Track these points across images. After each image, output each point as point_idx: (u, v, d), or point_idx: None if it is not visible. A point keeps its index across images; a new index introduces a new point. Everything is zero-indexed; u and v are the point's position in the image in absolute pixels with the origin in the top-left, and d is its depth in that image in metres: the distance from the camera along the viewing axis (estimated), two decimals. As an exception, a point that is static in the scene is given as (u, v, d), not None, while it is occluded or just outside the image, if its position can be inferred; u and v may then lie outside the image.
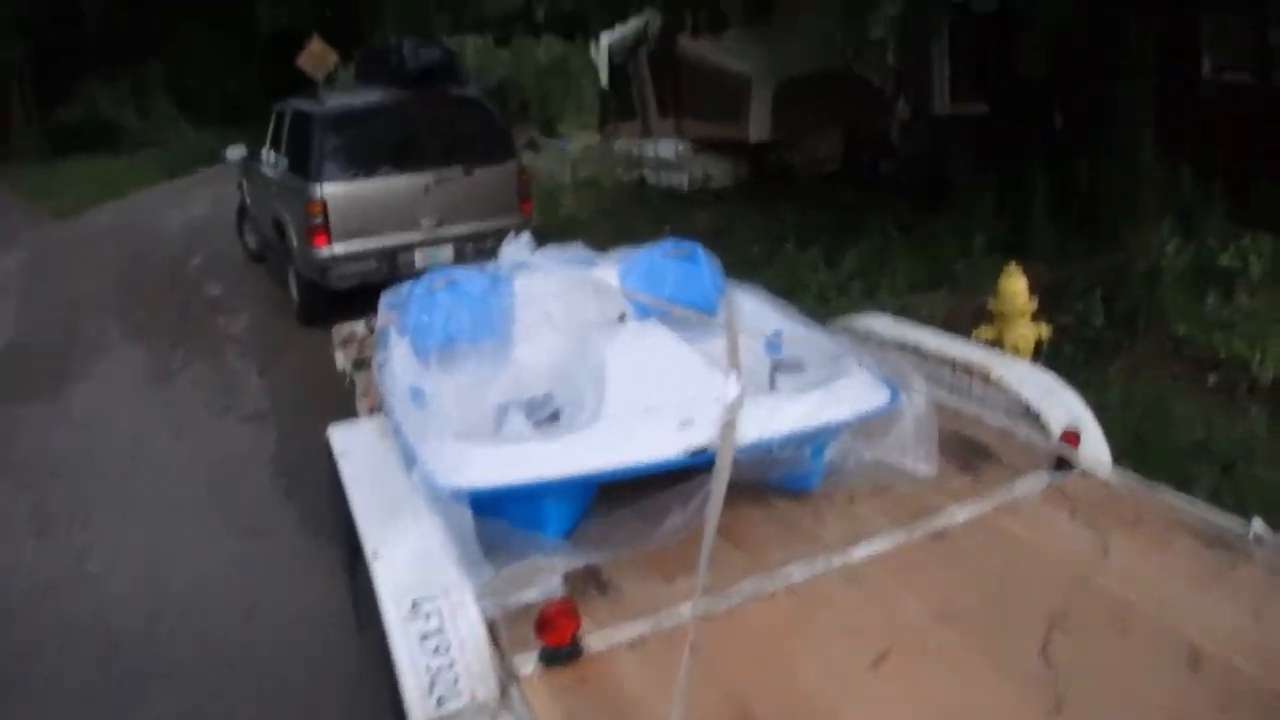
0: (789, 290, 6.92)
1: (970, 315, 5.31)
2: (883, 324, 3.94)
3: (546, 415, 2.87)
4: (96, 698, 3.68)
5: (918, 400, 2.88)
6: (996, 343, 4.70)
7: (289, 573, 4.31)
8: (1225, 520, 2.54)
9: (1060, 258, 6.52)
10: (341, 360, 5.04)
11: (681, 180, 11.31)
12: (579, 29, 8.84)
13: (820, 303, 6.68)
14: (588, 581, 2.49)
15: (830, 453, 2.78)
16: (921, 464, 2.83)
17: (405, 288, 3.83)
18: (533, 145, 19.98)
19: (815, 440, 2.69)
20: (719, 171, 10.92)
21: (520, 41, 22.97)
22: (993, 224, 7.18)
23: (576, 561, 2.48)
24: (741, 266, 7.86)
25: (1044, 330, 4.73)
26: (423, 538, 2.39)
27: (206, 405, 6.76)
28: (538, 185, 14.30)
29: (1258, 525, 2.45)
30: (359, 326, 5.03)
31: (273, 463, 5.65)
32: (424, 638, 2.21)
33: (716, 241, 9.23)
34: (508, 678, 2.20)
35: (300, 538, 4.61)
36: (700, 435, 2.51)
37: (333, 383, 5.45)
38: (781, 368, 3.10)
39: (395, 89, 8.25)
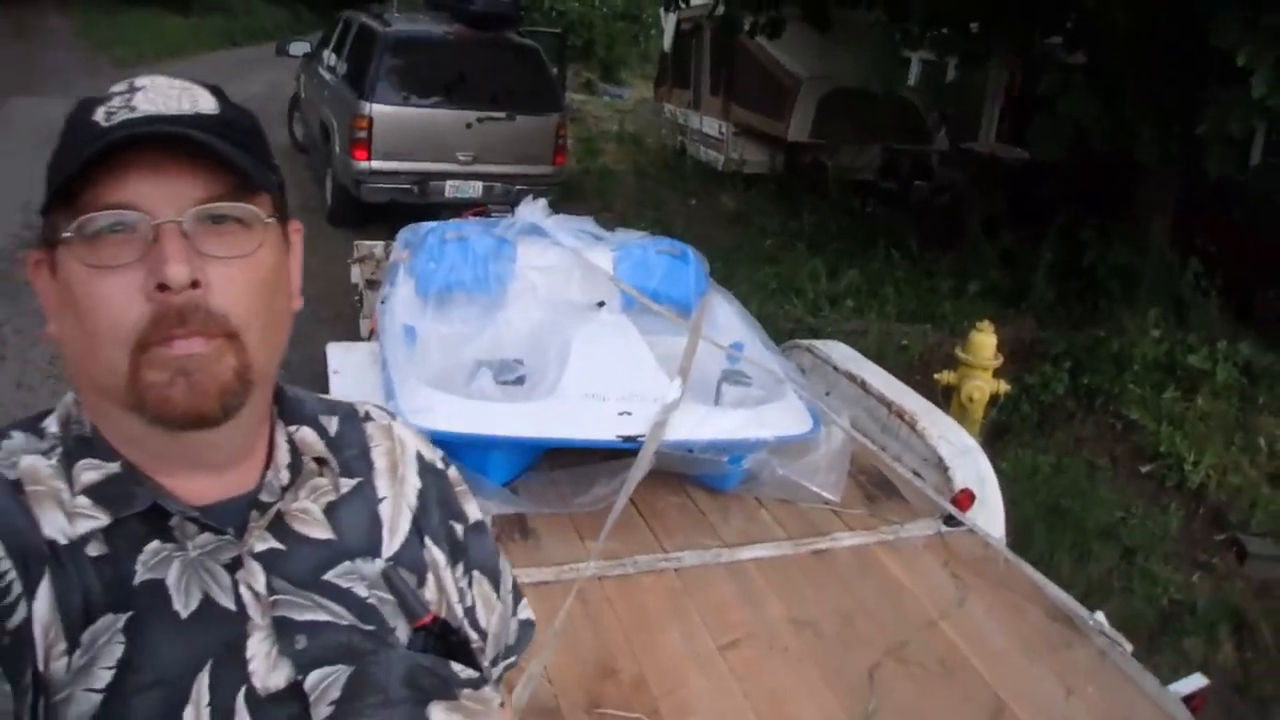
0: (785, 291, 7.29)
1: (944, 356, 5.64)
2: (840, 353, 4.27)
3: (513, 378, 3.23)
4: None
5: (836, 434, 3.25)
6: (954, 388, 5.05)
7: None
8: (1077, 606, 2.81)
9: (1051, 320, 6.83)
10: (356, 275, 5.41)
11: (718, 158, 11.61)
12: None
13: (811, 310, 7.01)
14: (513, 526, 2.90)
15: (748, 462, 3.15)
16: (827, 490, 3.21)
17: (422, 229, 4.21)
18: (589, 87, 20.23)
19: (735, 450, 3.07)
20: (755, 159, 11.21)
21: (599, -19, 23.15)
22: (995, 273, 7.49)
23: (507, 508, 2.90)
24: (750, 258, 8.24)
25: (1002, 386, 5.02)
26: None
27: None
28: (584, 129, 14.62)
29: (1099, 616, 2.78)
30: (378, 248, 5.35)
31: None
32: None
33: (734, 226, 9.67)
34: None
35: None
36: (633, 426, 2.90)
37: (343, 290, 5.82)
38: (729, 378, 3.45)
39: (459, 26, 8.55)
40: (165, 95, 0.83)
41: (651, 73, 19.41)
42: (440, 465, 1.10)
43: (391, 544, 0.97)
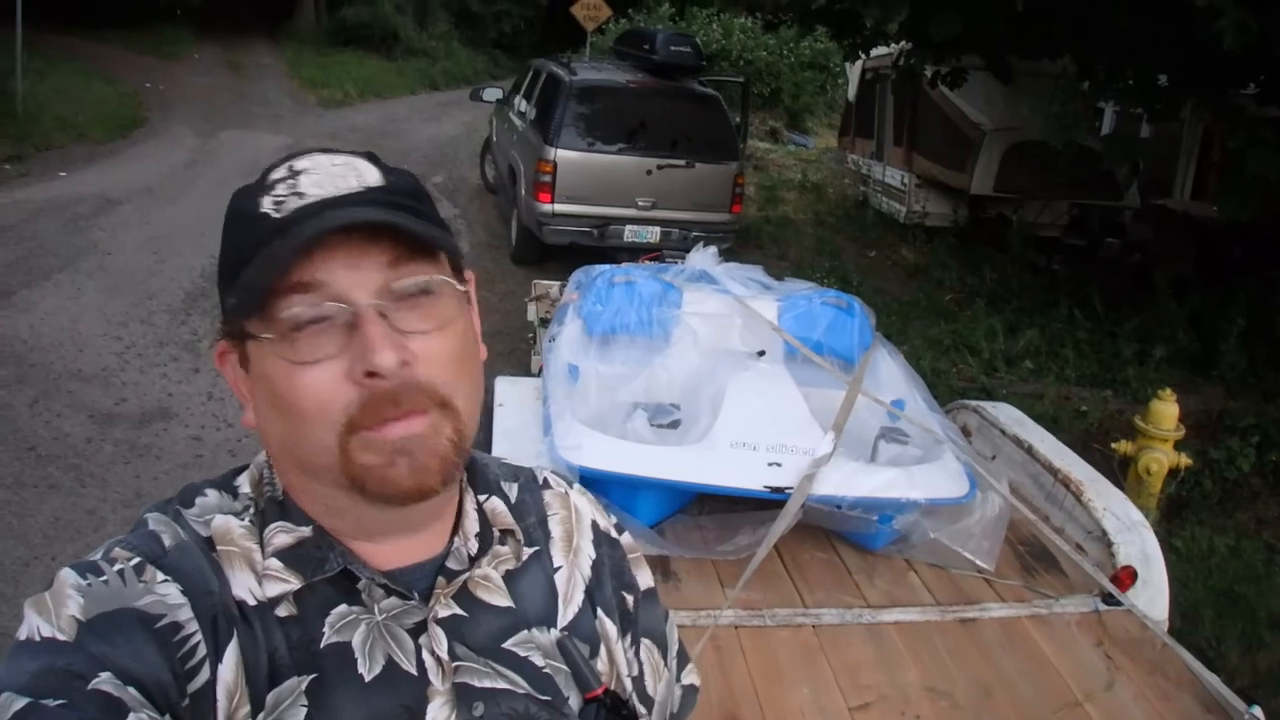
0: (960, 349, 7.12)
1: (1124, 424, 5.40)
2: (1008, 416, 4.15)
3: (667, 422, 3.30)
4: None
5: (994, 500, 3.17)
6: (1131, 459, 4.83)
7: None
8: (1232, 697, 2.63)
9: (1241, 390, 6.42)
10: (531, 313, 5.63)
11: (899, 210, 11.46)
12: (847, 35, 8.94)
13: (985, 370, 6.82)
14: (655, 566, 2.94)
15: (899, 523, 3.11)
16: (980, 557, 3.12)
17: (594, 272, 4.36)
18: (775, 135, 20.31)
19: (885, 510, 3.04)
20: (937, 210, 11.01)
21: (788, 31, 23.17)
22: (1184, 337, 7.11)
23: (651, 549, 2.94)
24: (926, 312, 8.10)
25: (1183, 460, 4.78)
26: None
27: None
28: (767, 177, 14.69)
29: (1256, 711, 2.57)
30: (554, 287, 5.53)
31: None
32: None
33: (912, 279, 9.54)
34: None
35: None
36: (782, 477, 2.92)
37: (521, 326, 6.03)
38: (886, 436, 3.42)
39: (642, 74, 8.80)
40: (330, 175, 0.82)
41: (837, 122, 19.32)
42: (614, 534, 1.11)
43: (566, 614, 0.97)
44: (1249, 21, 4.87)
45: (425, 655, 0.85)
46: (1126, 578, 3.08)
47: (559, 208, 8.14)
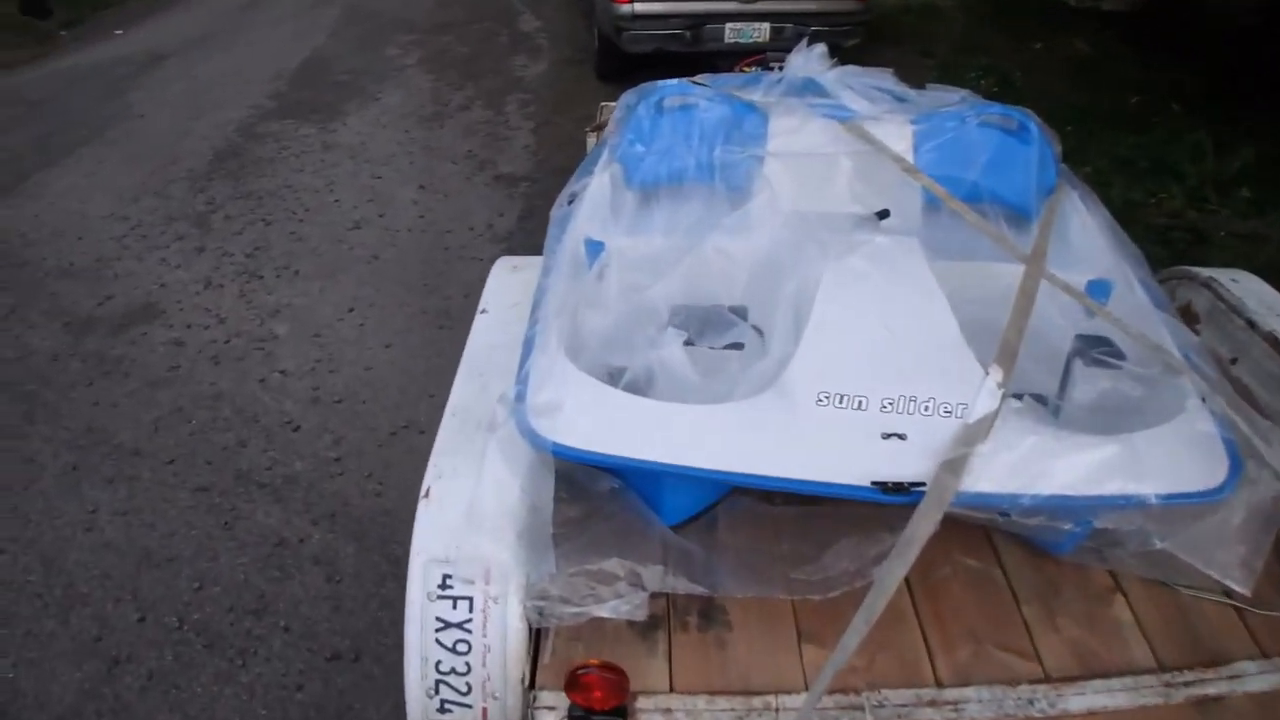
0: (1159, 174, 5.52)
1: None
2: (1258, 296, 2.70)
3: (723, 345, 2.03)
4: (206, 492, 3.48)
5: (1266, 484, 1.82)
6: None
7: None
8: None
9: None
10: (591, 146, 4.34)
11: (1071, -10, 9.54)
12: None
13: (1191, 203, 5.25)
14: (685, 611, 1.78)
15: (1104, 519, 1.82)
16: (1230, 575, 1.83)
17: (645, 92, 2.99)
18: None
19: (1085, 514, 1.76)
20: (1118, -10, 9.11)
21: None
22: None
23: (676, 583, 1.74)
24: (1103, 121, 6.49)
25: None
26: (487, 487, 1.73)
27: (467, 157, 6.34)
28: (905, -40, 12.60)
29: None
30: (623, 111, 4.23)
31: (502, 243, 5.12)
32: (445, 626, 1.63)
33: (1084, 77, 7.78)
34: (529, 711, 1.62)
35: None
36: (905, 462, 1.65)
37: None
38: (1086, 354, 2.06)
39: None
40: None
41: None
42: None
43: None
44: None
45: None
46: None
47: (639, 7, 6.69)
